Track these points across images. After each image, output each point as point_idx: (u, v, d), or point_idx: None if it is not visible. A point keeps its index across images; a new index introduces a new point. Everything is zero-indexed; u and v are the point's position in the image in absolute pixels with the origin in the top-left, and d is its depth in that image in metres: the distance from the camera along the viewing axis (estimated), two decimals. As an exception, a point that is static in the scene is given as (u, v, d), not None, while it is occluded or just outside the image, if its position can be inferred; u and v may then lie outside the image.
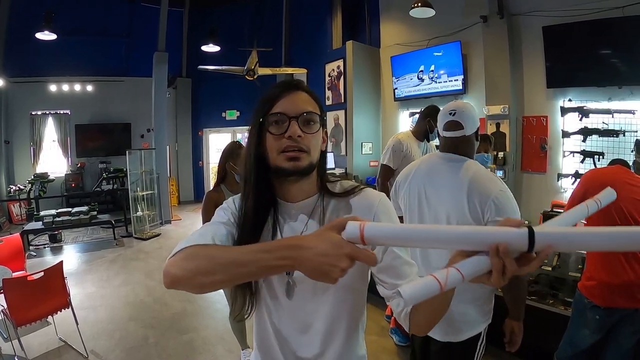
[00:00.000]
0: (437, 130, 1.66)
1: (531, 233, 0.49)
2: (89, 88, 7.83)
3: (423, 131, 2.83)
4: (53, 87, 7.52)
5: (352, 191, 0.82)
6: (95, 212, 5.68)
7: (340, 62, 5.84)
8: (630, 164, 2.00)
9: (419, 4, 4.06)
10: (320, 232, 0.60)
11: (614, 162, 2.09)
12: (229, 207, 0.85)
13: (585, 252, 2.04)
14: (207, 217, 2.10)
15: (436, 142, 3.09)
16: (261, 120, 0.78)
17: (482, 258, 0.52)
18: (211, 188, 2.36)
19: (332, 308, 0.79)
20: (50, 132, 7.84)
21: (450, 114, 1.48)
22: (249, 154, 0.81)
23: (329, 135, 6.03)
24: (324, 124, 0.81)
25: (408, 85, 5.26)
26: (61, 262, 2.67)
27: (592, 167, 3.55)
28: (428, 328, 0.75)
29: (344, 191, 0.83)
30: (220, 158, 2.30)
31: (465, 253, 0.54)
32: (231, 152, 2.27)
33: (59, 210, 5.51)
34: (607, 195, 0.69)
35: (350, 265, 0.57)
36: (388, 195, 1.05)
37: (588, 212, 0.65)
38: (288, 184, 0.80)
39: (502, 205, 1.32)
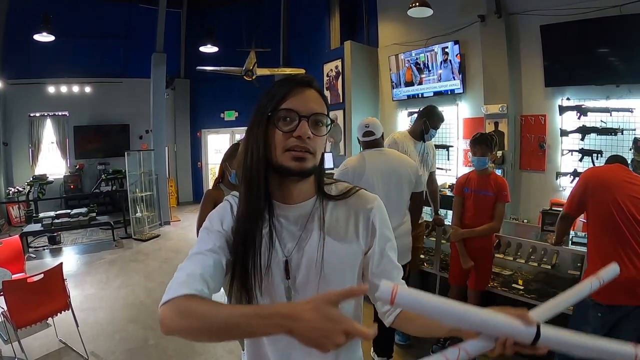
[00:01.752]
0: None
1: (537, 334, 0.57)
2: (87, 89, 7.80)
3: (419, 131, 2.85)
4: (51, 89, 7.49)
5: (347, 193, 0.84)
6: (94, 214, 5.67)
7: (338, 62, 5.84)
8: (629, 161, 2.01)
9: (417, 4, 4.06)
10: (317, 305, 0.57)
11: (611, 158, 2.10)
12: (213, 227, 0.79)
13: (586, 250, 2.05)
14: (203, 214, 2.31)
15: (433, 141, 3.12)
16: (270, 113, 0.75)
17: (488, 344, 0.61)
18: (210, 188, 2.47)
19: None
20: (48, 133, 7.81)
21: (366, 126, 2.36)
22: (251, 147, 0.77)
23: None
24: (329, 126, 0.80)
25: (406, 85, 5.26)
26: (61, 263, 2.67)
27: (591, 165, 3.57)
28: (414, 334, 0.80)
29: (340, 193, 0.84)
30: (222, 159, 2.43)
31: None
32: (230, 154, 2.39)
33: (58, 212, 5.49)
34: (610, 272, 0.72)
35: (346, 341, 0.56)
36: None
37: (591, 288, 0.69)
38: (288, 183, 0.78)
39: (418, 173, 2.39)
